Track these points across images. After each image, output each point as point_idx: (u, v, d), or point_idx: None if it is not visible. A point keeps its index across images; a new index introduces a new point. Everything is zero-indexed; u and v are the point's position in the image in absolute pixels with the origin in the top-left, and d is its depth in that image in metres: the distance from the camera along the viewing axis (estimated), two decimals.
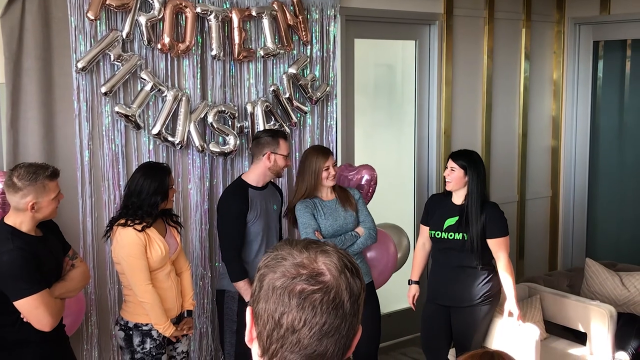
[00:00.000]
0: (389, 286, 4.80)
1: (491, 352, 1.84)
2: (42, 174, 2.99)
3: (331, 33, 4.77)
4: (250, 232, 3.96)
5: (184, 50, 4.10)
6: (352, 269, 1.24)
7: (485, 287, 4.07)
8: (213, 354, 4.50)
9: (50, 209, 3.04)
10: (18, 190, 2.95)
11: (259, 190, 4.02)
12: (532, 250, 6.38)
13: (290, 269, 1.21)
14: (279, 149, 3.98)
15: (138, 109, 4.00)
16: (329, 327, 1.19)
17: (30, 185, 2.95)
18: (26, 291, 2.90)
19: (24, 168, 3.01)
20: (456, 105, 5.63)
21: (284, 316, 1.19)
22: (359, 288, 1.24)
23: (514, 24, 5.98)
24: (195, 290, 4.28)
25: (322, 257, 1.23)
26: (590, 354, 4.51)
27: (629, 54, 6.57)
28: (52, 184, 3.03)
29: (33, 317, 2.95)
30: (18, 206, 2.97)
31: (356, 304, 1.23)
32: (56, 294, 3.07)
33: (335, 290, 1.20)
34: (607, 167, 6.58)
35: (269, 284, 1.22)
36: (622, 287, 5.07)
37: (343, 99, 4.93)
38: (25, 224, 3.01)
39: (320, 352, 1.20)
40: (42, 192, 2.98)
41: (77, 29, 3.81)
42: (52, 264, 3.11)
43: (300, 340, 1.19)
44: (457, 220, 4.06)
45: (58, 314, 3.04)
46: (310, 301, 1.18)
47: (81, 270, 3.26)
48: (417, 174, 5.62)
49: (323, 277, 1.20)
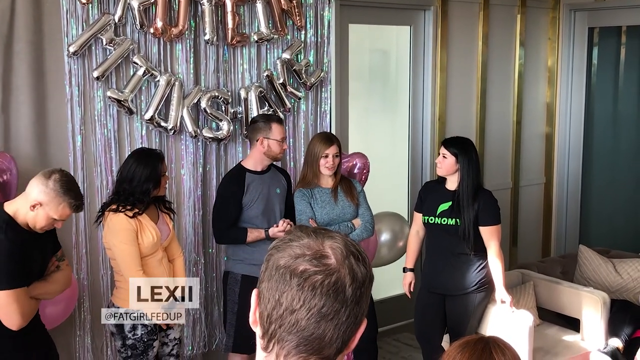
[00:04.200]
0: (382, 273, 4.80)
1: (486, 338, 1.83)
2: (69, 198, 2.91)
3: (325, 18, 4.73)
4: (248, 216, 3.99)
5: (176, 35, 4.06)
6: (358, 256, 1.23)
7: (480, 275, 4.07)
8: (206, 340, 4.50)
9: (44, 222, 2.93)
10: (46, 191, 2.88)
11: (259, 175, 4.03)
12: (526, 236, 6.39)
13: (296, 249, 1.21)
14: (272, 133, 3.97)
15: (130, 93, 3.97)
16: (327, 310, 1.18)
17: (55, 193, 2.88)
18: (6, 284, 2.83)
19: (68, 178, 2.96)
20: (451, 91, 5.61)
21: (284, 295, 1.19)
22: (363, 275, 1.22)
23: (509, 10, 5.96)
24: (189, 276, 4.27)
25: (329, 241, 1.23)
26: (583, 340, 4.52)
27: (623, 41, 6.56)
28: (67, 212, 2.94)
29: (3, 313, 2.87)
30: (30, 194, 2.90)
31: (359, 290, 1.21)
32: (34, 293, 3.00)
33: (337, 274, 1.19)
34: (601, 154, 6.59)
35: (274, 263, 1.22)
36: (616, 273, 5.08)
37: (337, 85, 4.91)
38: (22, 216, 2.93)
39: (318, 335, 1.19)
40: (55, 206, 2.90)
41: (69, 12, 3.77)
42: (38, 262, 3.04)
43: (298, 321, 1.18)
44: (450, 206, 4.05)
45: (29, 315, 2.96)
46: (311, 282, 1.18)
47: (65, 274, 3.18)
48: (411, 159, 5.61)
49: (327, 260, 1.20)
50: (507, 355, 1.75)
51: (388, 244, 4.75)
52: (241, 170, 4.04)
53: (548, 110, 6.39)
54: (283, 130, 4.05)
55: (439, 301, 4.17)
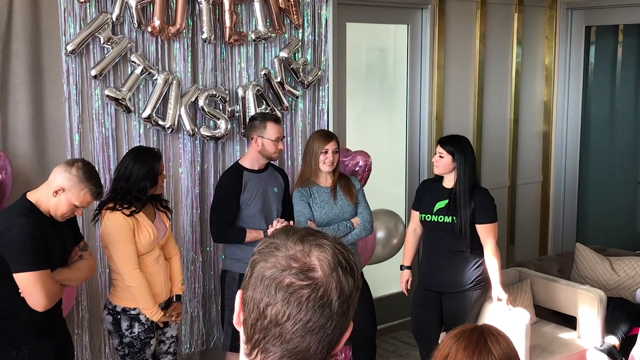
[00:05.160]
0: (379, 271, 4.81)
1: (480, 327, 1.83)
2: (91, 185, 3.01)
3: (323, 16, 4.74)
4: (245, 215, 4.00)
5: (174, 33, 4.07)
6: (346, 267, 1.19)
7: (477, 272, 4.08)
8: (204, 338, 4.50)
9: (65, 208, 3.02)
10: (70, 177, 2.97)
11: (256, 173, 4.04)
12: (523, 234, 6.40)
13: (282, 260, 1.17)
14: (266, 132, 3.97)
15: (128, 92, 3.97)
16: (313, 324, 1.16)
17: (78, 179, 2.98)
18: (28, 266, 2.89)
19: (89, 166, 3.08)
20: (448, 89, 5.62)
21: (269, 308, 1.16)
22: (350, 288, 1.19)
23: (506, 9, 5.97)
24: (186, 274, 4.28)
25: (316, 251, 1.19)
26: (579, 337, 4.54)
27: (620, 39, 6.58)
28: (88, 198, 3.04)
29: (29, 294, 2.93)
30: (53, 181, 2.98)
31: (346, 303, 1.19)
32: (57, 278, 3.05)
33: (324, 289, 1.16)
34: (598, 152, 6.60)
35: (259, 273, 1.19)
36: (612, 271, 5.09)
37: (335, 83, 4.91)
38: (44, 203, 3.00)
39: (303, 348, 1.17)
40: (77, 192, 2.99)
41: (67, 11, 3.77)
42: (59, 250, 3.10)
43: (282, 334, 1.16)
44: (447, 204, 4.06)
45: (54, 297, 3.02)
46: (297, 296, 1.15)
47: (88, 263, 3.25)
48: (409, 158, 5.62)
49: (313, 273, 1.16)
50: (501, 344, 1.75)
51: (382, 242, 4.76)
52: (239, 168, 4.04)
53: (545, 109, 6.40)
54: (279, 129, 4.03)
55: (435, 299, 4.18)
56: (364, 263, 4.51)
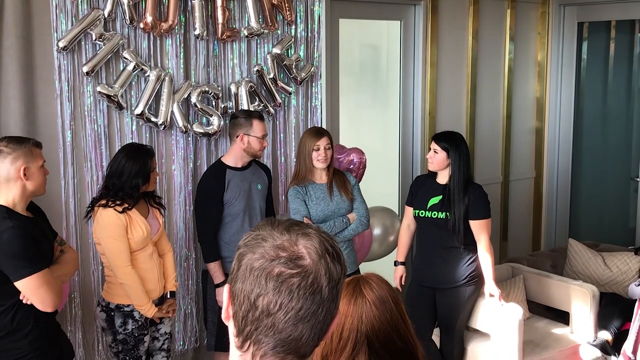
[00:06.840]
0: (374, 268, 4.80)
1: (357, 277, 1.95)
2: (28, 141, 2.93)
3: (316, 13, 4.73)
4: (229, 213, 3.97)
5: (166, 30, 4.06)
6: (333, 254, 1.21)
7: (470, 268, 4.09)
8: (198, 335, 4.50)
9: (40, 179, 2.93)
10: (7, 155, 2.84)
11: (239, 171, 4.02)
12: (516, 230, 6.42)
13: (270, 250, 1.18)
14: (252, 130, 3.95)
15: (120, 89, 3.96)
16: (305, 312, 1.17)
17: (19, 148, 2.86)
18: (28, 270, 2.79)
19: (7, 138, 2.95)
20: (441, 86, 5.62)
21: (260, 298, 1.17)
22: (339, 273, 1.21)
23: (499, 5, 5.97)
24: (180, 271, 4.28)
25: (303, 240, 1.20)
26: (572, 332, 4.55)
27: (613, 35, 6.60)
28: (38, 150, 2.94)
29: (36, 297, 2.83)
30: (9, 174, 2.84)
31: (335, 289, 1.20)
32: (55, 275, 2.99)
33: (314, 276, 1.18)
34: (591, 148, 6.62)
35: (247, 265, 1.19)
36: (605, 267, 5.11)
37: (328, 80, 4.91)
38: (18, 202, 2.89)
39: (295, 337, 1.18)
40: (31, 157, 2.88)
41: (58, 7, 3.76)
42: (47, 247, 3.02)
43: (275, 324, 1.17)
44: (441, 200, 4.07)
45: (60, 293, 2.95)
46: (288, 285, 1.16)
47: (72, 256, 3.19)
48: (402, 154, 5.62)
49: (302, 261, 1.18)
50: (374, 289, 1.90)
51: (379, 239, 4.75)
52: (221, 166, 4.01)
53: (538, 105, 6.41)
54: (264, 127, 4.02)
55: (429, 294, 4.19)
56: (360, 260, 4.50)
